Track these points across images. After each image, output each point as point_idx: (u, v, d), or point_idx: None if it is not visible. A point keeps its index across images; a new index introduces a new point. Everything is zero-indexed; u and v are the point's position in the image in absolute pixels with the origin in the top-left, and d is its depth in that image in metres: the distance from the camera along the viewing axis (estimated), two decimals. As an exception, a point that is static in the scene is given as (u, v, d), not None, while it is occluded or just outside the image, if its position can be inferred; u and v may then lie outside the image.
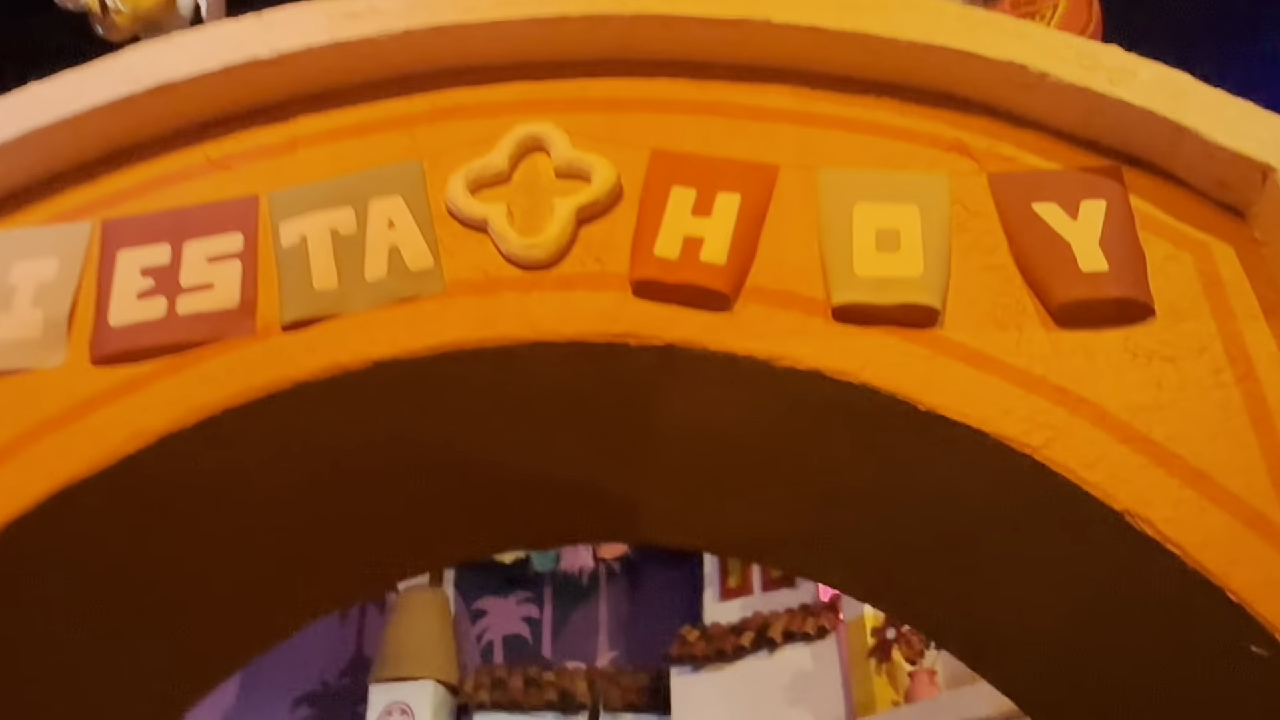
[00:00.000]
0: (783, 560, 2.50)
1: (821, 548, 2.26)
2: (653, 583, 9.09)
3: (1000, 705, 5.57)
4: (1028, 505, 1.68)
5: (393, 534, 2.20)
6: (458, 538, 2.36)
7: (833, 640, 7.08)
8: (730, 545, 2.45)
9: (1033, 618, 1.95)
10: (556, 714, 8.00)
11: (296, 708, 8.83)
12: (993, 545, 1.86)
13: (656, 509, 2.32)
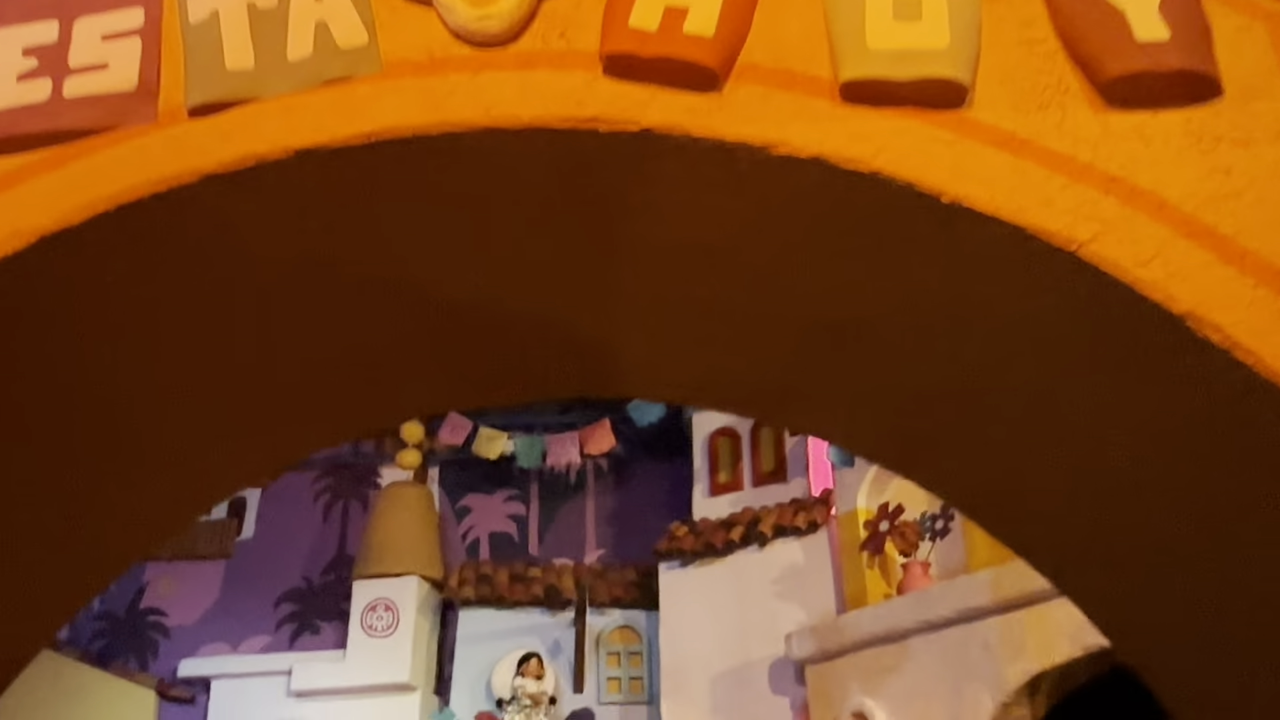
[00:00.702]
0: (778, 413, 2.27)
1: (820, 396, 2.02)
2: (641, 480, 8.93)
3: (995, 595, 5.45)
4: (1067, 318, 1.43)
5: (338, 374, 1.95)
6: (417, 385, 2.11)
7: (824, 534, 6.94)
8: (720, 396, 2.20)
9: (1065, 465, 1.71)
10: (543, 609, 7.90)
11: (280, 605, 8.73)
12: (1021, 378, 1.62)
13: (634, 354, 2.07)
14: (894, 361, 1.80)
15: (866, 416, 2.00)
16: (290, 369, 1.94)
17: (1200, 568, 1.61)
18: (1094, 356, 1.46)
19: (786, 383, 2.00)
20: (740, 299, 1.81)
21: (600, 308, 1.91)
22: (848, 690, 5.94)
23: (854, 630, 5.95)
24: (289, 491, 9.19)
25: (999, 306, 1.52)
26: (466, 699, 7.58)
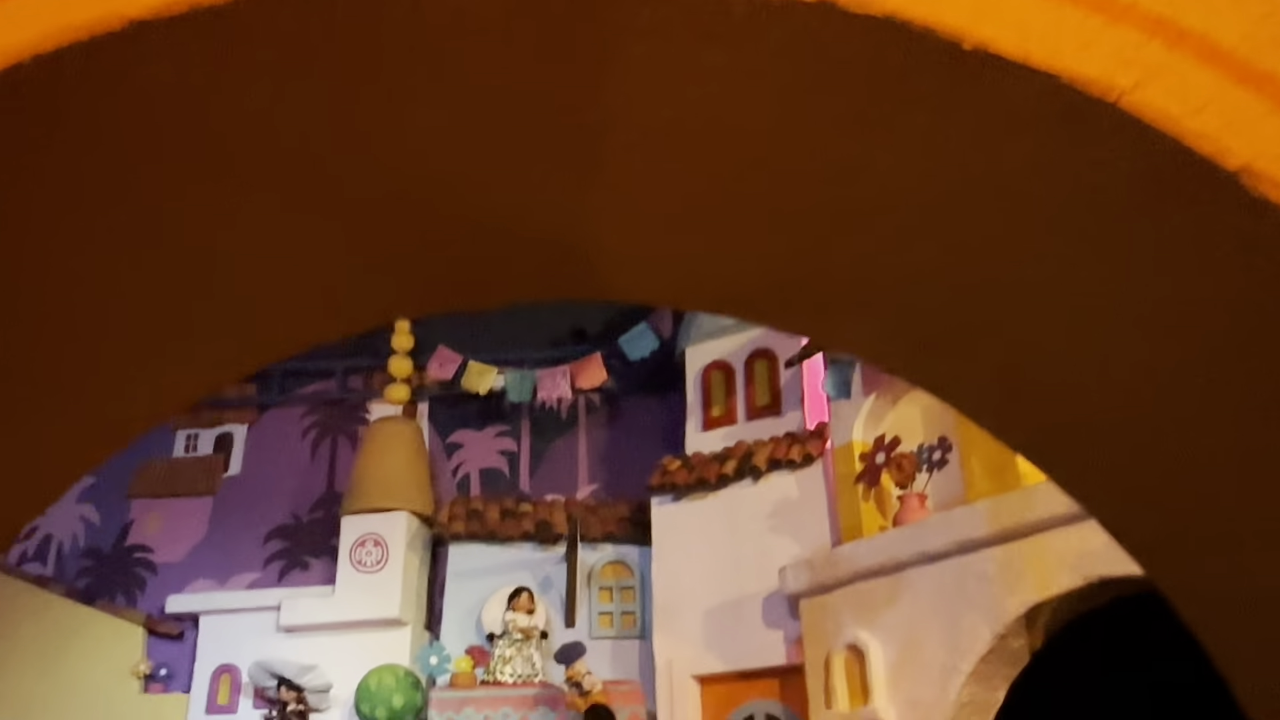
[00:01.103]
0: (775, 314, 2.09)
1: (822, 293, 1.85)
2: (633, 415, 8.81)
3: (993, 526, 5.35)
4: (1105, 184, 1.26)
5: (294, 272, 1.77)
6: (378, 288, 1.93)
7: (819, 468, 6.83)
8: (711, 296, 2.03)
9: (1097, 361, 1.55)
10: (534, 545, 7.81)
11: (268, 542, 8.64)
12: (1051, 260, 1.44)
13: (617, 251, 1.90)
14: (905, 249, 1.63)
15: (873, 314, 1.83)
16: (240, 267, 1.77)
17: (1249, 477, 1.46)
18: (1135, 228, 1.29)
19: (784, 279, 1.83)
20: (733, 181, 1.63)
21: (579, 197, 1.73)
22: (842, 623, 5.86)
23: (849, 563, 5.85)
24: (276, 428, 9.08)
25: (1027, 175, 1.35)
26: (457, 634, 7.52)
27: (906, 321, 1.81)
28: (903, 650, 5.52)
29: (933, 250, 1.59)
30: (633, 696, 6.93)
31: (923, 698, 5.35)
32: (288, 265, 1.79)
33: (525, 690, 6.93)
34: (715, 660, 6.82)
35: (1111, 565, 4.64)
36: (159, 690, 8.11)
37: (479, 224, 1.78)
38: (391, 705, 7.09)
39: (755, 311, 2.14)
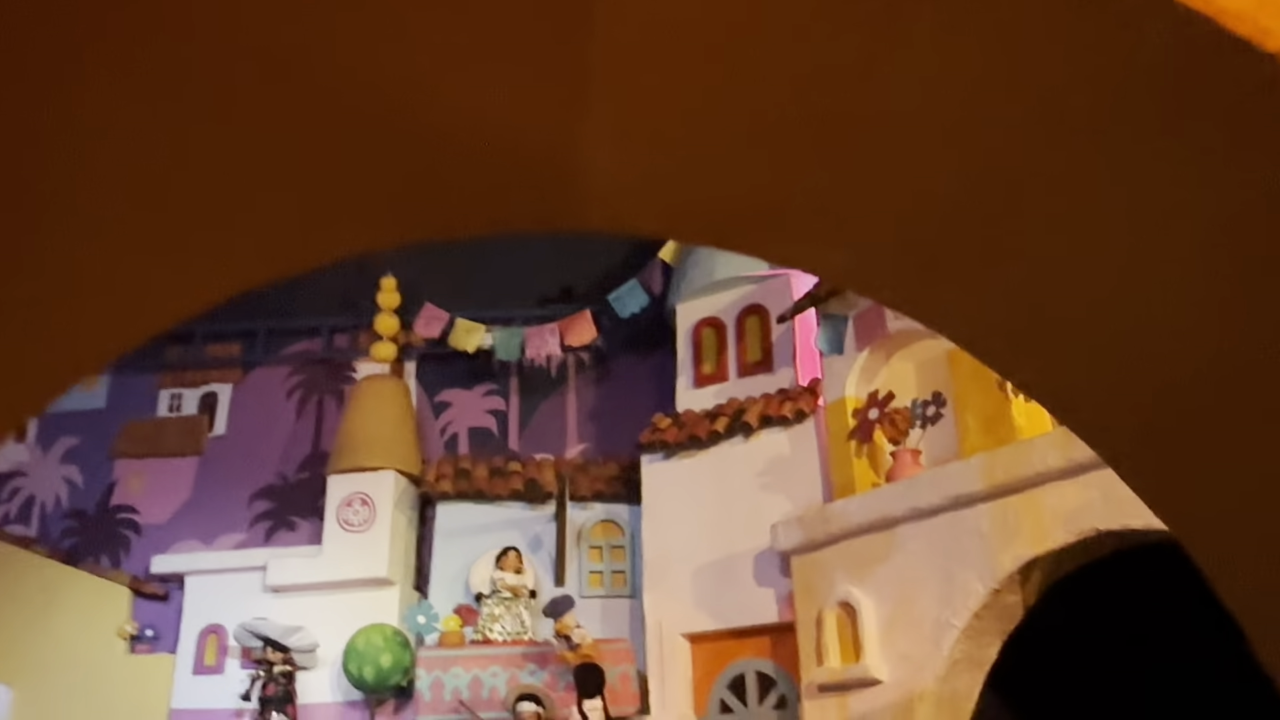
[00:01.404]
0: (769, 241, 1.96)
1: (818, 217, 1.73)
2: (623, 373, 8.71)
3: (988, 480, 5.27)
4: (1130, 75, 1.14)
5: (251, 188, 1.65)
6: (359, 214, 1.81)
7: (811, 424, 6.74)
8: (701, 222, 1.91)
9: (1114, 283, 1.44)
10: (523, 504, 7.73)
11: (254, 502, 8.55)
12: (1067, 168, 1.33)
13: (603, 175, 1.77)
14: (909, 164, 1.51)
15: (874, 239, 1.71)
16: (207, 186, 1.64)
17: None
18: (1159, 124, 1.18)
19: (781, 199, 1.72)
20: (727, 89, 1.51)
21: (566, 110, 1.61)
22: (834, 580, 5.80)
23: (841, 519, 5.78)
24: (261, 387, 8.96)
25: (1050, 73, 1.23)
26: (445, 594, 7.45)
27: (912, 246, 1.69)
28: (895, 607, 5.46)
29: (944, 164, 1.48)
30: (623, 655, 6.88)
31: (915, 654, 5.30)
32: (262, 181, 1.67)
33: (514, 648, 6.87)
34: (706, 618, 6.76)
35: (1108, 519, 4.58)
36: (145, 651, 8.05)
37: (462, 142, 1.65)
38: (379, 665, 7.03)
39: (750, 239, 2.02)
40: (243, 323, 8.95)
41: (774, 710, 6.46)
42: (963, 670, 5.25)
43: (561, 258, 8.59)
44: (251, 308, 8.84)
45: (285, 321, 8.97)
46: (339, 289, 8.73)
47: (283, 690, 7.13)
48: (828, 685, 5.68)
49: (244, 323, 8.95)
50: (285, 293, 8.73)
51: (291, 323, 8.96)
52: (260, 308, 8.88)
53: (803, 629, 5.96)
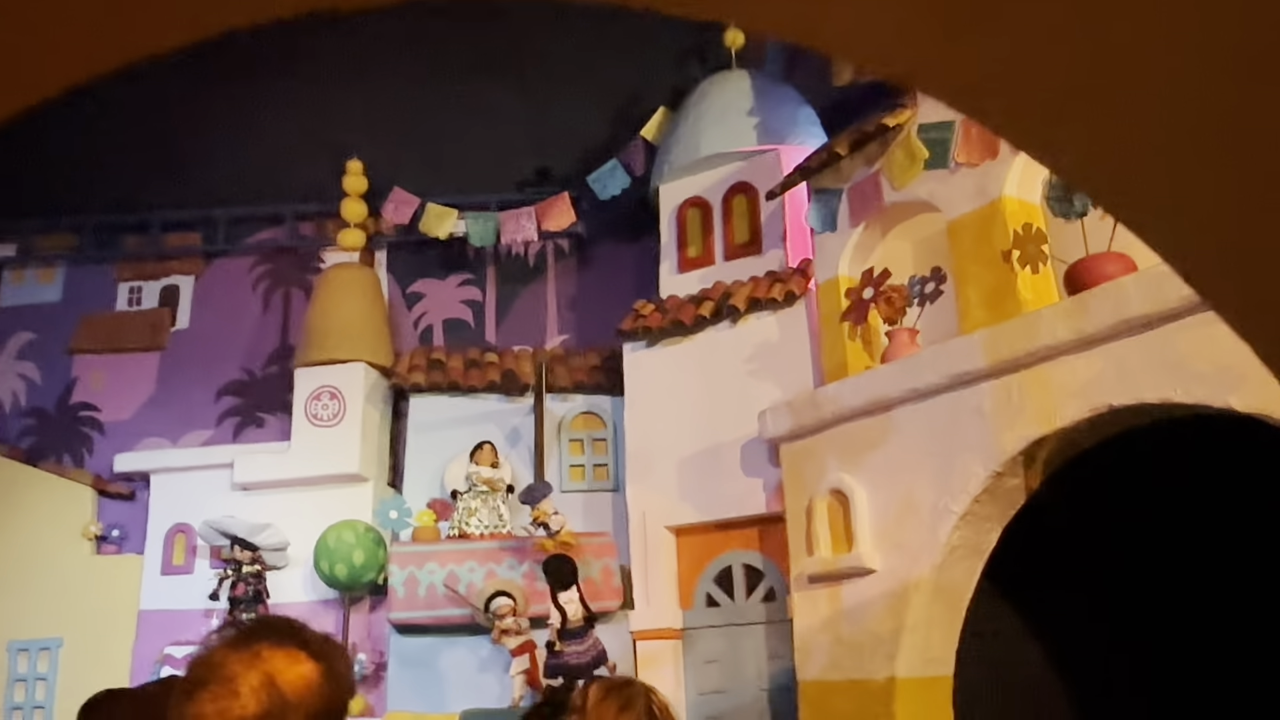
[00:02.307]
0: None
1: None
2: (605, 260, 8.31)
3: (991, 357, 4.92)
4: None
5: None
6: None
7: (801, 307, 6.37)
8: None
9: None
10: (500, 396, 7.39)
11: (221, 398, 8.19)
12: None
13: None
14: None
15: None
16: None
17: None
18: None
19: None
20: None
21: None
22: (825, 468, 5.50)
23: (833, 403, 5.45)
24: (225, 280, 8.54)
25: None
26: (420, 489, 7.15)
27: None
28: (890, 493, 5.17)
29: None
30: (605, 549, 6.61)
31: (910, 542, 5.02)
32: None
33: (491, 543, 6.59)
34: (691, 511, 6.48)
35: (1121, 393, 4.24)
36: (112, 552, 7.77)
37: None
38: (352, 562, 6.76)
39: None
40: (202, 210, 8.49)
41: (762, 603, 6.22)
42: (961, 558, 4.97)
43: (538, 139, 8.11)
44: (211, 194, 8.38)
45: (247, 209, 8.51)
46: (304, 174, 8.25)
47: (252, 590, 6.86)
48: (818, 576, 5.42)
49: (204, 210, 8.49)
50: (246, 178, 8.29)
51: (254, 210, 8.50)
52: (220, 194, 8.42)
53: (792, 519, 5.68)
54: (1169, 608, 5.29)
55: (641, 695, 2.02)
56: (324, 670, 1.48)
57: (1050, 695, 5.48)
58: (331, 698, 1.47)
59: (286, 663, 1.44)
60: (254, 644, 1.45)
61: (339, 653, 1.60)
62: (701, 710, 6.25)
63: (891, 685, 4.98)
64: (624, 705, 1.96)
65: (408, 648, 6.49)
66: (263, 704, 1.38)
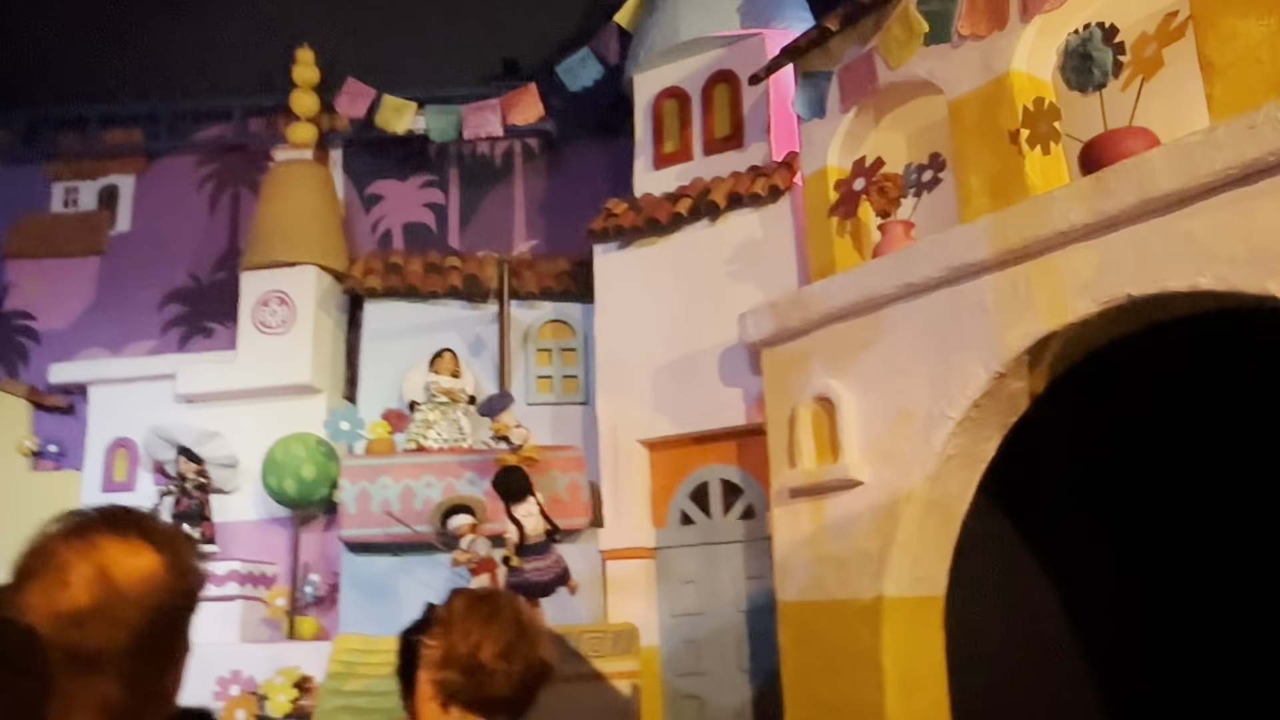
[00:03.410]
0: None
1: None
2: (576, 161, 7.77)
3: (995, 246, 4.43)
4: None
5: None
6: None
7: (786, 203, 5.88)
8: None
9: None
10: (462, 303, 6.88)
11: (165, 306, 7.67)
12: None
13: None
14: None
15: None
16: None
17: None
18: None
19: None
20: None
21: None
22: (810, 373, 5.04)
23: (820, 302, 4.97)
24: (168, 179, 7.97)
25: None
26: (376, 401, 6.67)
27: None
28: (880, 399, 4.72)
29: None
30: (572, 464, 6.18)
31: (902, 451, 4.59)
32: None
33: (449, 456, 6.13)
34: (665, 423, 6.05)
35: (1142, 282, 3.78)
36: (49, 468, 7.29)
37: None
38: (301, 476, 6.30)
39: None
40: (144, 104, 7.87)
41: (740, 521, 5.81)
42: (956, 468, 4.55)
43: (504, 28, 7.51)
44: (154, 87, 7.77)
45: (192, 103, 7.90)
46: (254, 65, 7.64)
47: (196, 505, 6.41)
48: (800, 490, 4.99)
49: (145, 104, 7.87)
50: (191, 69, 7.66)
51: (200, 104, 7.90)
52: (163, 87, 7.80)
53: (773, 429, 5.24)
54: (1180, 528, 4.89)
55: (508, 604, 1.94)
56: (167, 563, 1.36)
57: (1047, 619, 5.10)
58: (175, 592, 1.36)
59: (124, 553, 1.33)
60: (91, 533, 1.34)
61: (187, 545, 1.44)
62: (676, 633, 5.87)
63: (879, 605, 4.59)
64: (490, 614, 1.87)
65: (361, 568, 6.06)
66: (94, 596, 1.28)
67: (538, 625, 1.95)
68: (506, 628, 1.87)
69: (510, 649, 1.85)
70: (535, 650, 1.89)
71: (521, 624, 1.90)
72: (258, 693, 5.70)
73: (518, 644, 1.86)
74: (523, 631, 1.89)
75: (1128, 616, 5.03)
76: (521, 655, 1.86)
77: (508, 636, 1.86)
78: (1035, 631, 5.04)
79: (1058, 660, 5.06)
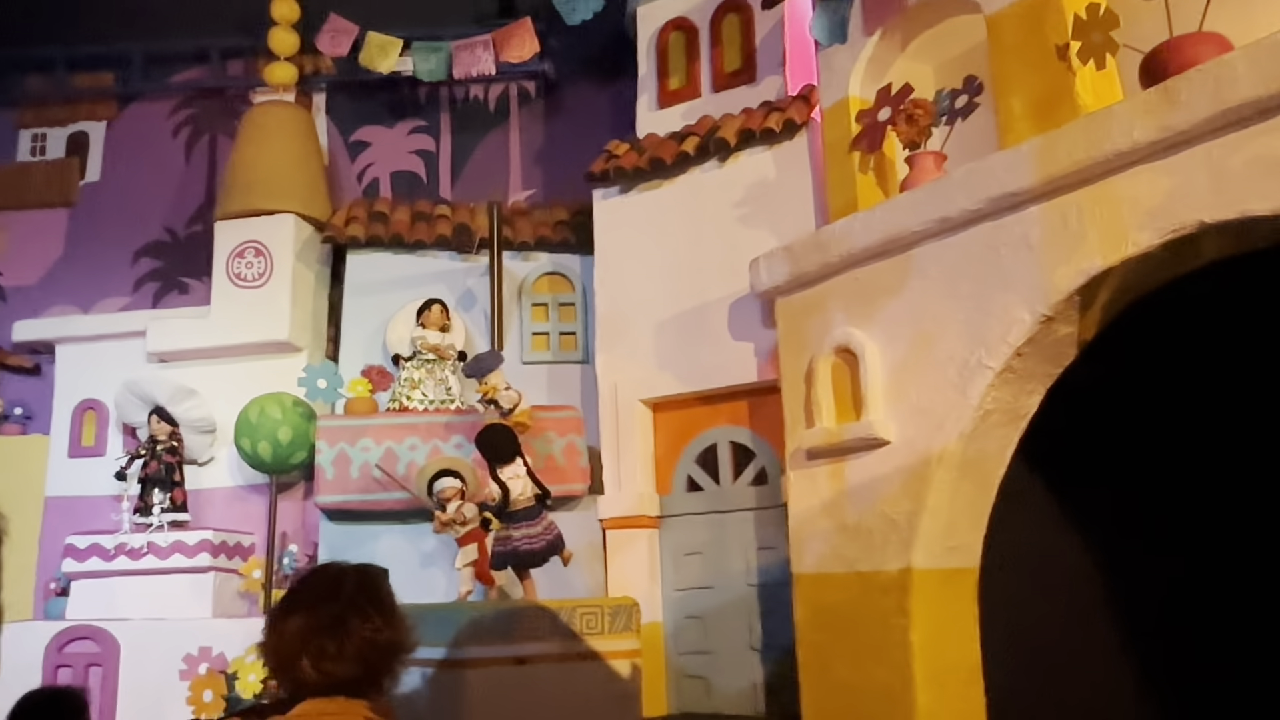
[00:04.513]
0: None
1: None
2: (576, 105, 7.26)
3: (1043, 171, 3.93)
4: None
5: None
6: None
7: (803, 139, 5.37)
8: None
9: None
10: (452, 255, 6.39)
11: (138, 260, 7.20)
12: None
13: None
14: None
15: None
16: None
17: None
18: None
19: None
20: None
21: None
22: (830, 322, 4.55)
23: (842, 243, 4.47)
24: (141, 125, 7.49)
25: None
26: (360, 360, 6.19)
27: None
28: (909, 349, 4.23)
29: None
30: (570, 425, 5.70)
31: (933, 405, 4.10)
32: None
33: (436, 418, 5.66)
34: (670, 382, 5.57)
35: (1217, 206, 3.27)
36: (15, 432, 6.85)
37: None
38: (277, 439, 5.84)
39: None
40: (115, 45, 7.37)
41: (751, 486, 5.34)
42: (995, 426, 4.06)
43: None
44: (125, 27, 7.27)
45: (166, 44, 7.40)
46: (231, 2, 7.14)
47: (165, 469, 5.95)
48: (819, 451, 4.51)
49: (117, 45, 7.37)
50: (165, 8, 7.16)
51: (174, 45, 7.39)
52: (136, 27, 7.30)
53: (789, 385, 4.75)
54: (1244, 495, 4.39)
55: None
56: None
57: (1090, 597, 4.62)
58: None
59: None
60: None
61: None
62: (680, 608, 5.41)
63: (906, 578, 4.11)
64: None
65: (339, 537, 5.60)
66: None
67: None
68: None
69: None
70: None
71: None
72: (227, 671, 5.26)
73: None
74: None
75: (1181, 593, 4.54)
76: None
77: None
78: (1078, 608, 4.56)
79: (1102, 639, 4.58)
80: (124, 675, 5.44)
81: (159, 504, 5.82)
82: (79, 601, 5.82)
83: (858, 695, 4.28)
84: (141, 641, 5.50)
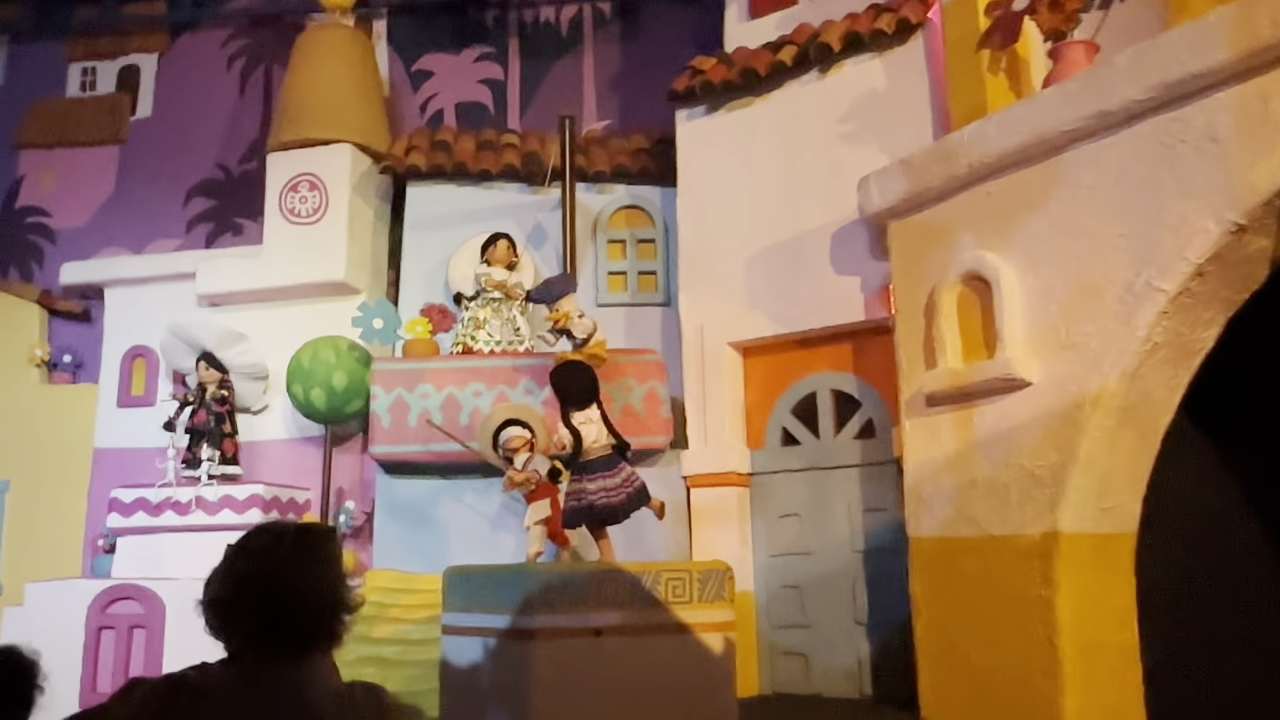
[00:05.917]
0: None
1: None
2: (655, 27, 6.65)
3: (1238, 44, 3.23)
4: None
5: None
6: None
7: (919, 43, 4.69)
8: None
9: None
10: (520, 186, 5.84)
11: (191, 200, 6.78)
12: None
13: None
14: None
15: None
16: None
17: None
18: None
19: None
20: None
21: None
22: (957, 245, 3.90)
23: (972, 151, 3.81)
24: (194, 57, 7.06)
25: None
26: (419, 298, 5.67)
27: None
28: (1056, 272, 3.57)
29: None
30: (650, 370, 5.12)
31: (1087, 339, 3.44)
32: None
33: (501, 360, 5.12)
34: (763, 323, 4.96)
35: None
36: (66, 381, 6.50)
37: None
38: (332, 386, 5.35)
39: None
40: (165, -27, 6.96)
41: (856, 440, 4.71)
42: (1163, 362, 3.38)
43: None
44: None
45: (219, -31, 6.95)
46: (285, -77, 6.65)
47: (214, 418, 5.52)
48: (942, 395, 3.88)
49: (166, -27, 6.96)
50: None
51: (227, -30, 6.94)
52: (187, -48, 6.86)
53: (904, 321, 4.12)
54: None
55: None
56: None
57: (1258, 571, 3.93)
58: None
59: None
60: None
61: None
62: (775, 577, 4.83)
63: (1052, 543, 3.47)
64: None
65: (397, 492, 5.12)
66: None
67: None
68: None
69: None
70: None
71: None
72: (276, 637, 4.81)
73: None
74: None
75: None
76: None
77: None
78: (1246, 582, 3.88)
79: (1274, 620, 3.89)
80: (169, 639, 5.02)
81: (208, 457, 5.39)
82: (125, 559, 5.44)
83: (989, 678, 3.66)
84: (188, 603, 5.07)
